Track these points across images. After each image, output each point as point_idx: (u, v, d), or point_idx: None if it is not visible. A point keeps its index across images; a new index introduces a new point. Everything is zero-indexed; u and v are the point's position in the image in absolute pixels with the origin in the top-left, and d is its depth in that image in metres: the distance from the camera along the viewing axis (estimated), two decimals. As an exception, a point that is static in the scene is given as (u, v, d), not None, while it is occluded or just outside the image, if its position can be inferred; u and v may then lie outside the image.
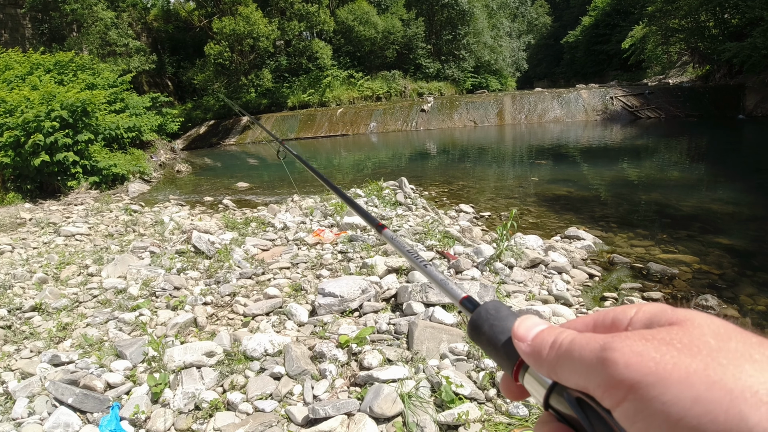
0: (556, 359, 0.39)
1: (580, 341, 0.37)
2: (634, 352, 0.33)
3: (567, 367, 0.38)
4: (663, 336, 0.33)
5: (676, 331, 0.34)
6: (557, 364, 0.39)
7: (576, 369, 0.37)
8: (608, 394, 0.34)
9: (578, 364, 0.36)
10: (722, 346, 0.32)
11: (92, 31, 28.41)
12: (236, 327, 4.11)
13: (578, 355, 0.36)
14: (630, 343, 0.34)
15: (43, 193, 12.75)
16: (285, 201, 9.63)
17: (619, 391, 0.33)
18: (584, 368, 0.36)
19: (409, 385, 2.93)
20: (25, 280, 5.65)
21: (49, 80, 14.27)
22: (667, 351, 0.32)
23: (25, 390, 3.28)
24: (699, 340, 0.32)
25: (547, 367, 0.40)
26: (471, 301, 0.53)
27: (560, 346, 0.39)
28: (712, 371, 0.30)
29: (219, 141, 30.54)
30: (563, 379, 0.39)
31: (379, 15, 35.69)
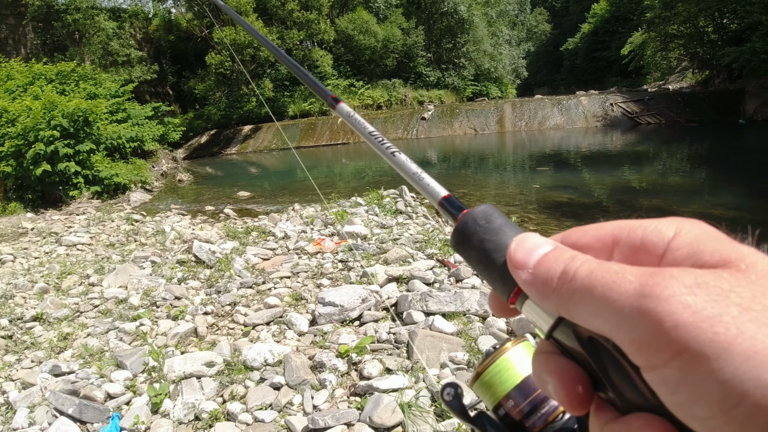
0: (568, 296, 0.30)
1: (604, 276, 0.28)
2: (688, 308, 0.25)
3: (585, 308, 0.29)
4: (720, 284, 0.25)
5: (735, 278, 0.25)
6: (570, 302, 0.30)
7: (599, 313, 0.28)
8: (645, 354, 0.26)
9: (602, 308, 0.28)
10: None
11: (94, 41, 28.59)
12: (236, 337, 4.11)
13: (602, 297, 0.28)
14: (680, 291, 0.25)
15: (44, 203, 12.79)
16: (286, 210, 9.64)
17: (662, 355, 0.25)
18: (611, 315, 0.27)
19: (409, 395, 2.93)
20: (26, 289, 5.67)
21: (50, 90, 14.33)
22: (728, 310, 0.24)
23: (26, 400, 3.29)
24: (765, 295, 0.24)
25: (557, 304, 0.31)
26: (454, 204, 0.42)
27: (574, 278, 0.30)
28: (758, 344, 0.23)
29: (220, 150, 30.60)
30: (577, 319, 0.30)
31: (378, 24, 35.83)
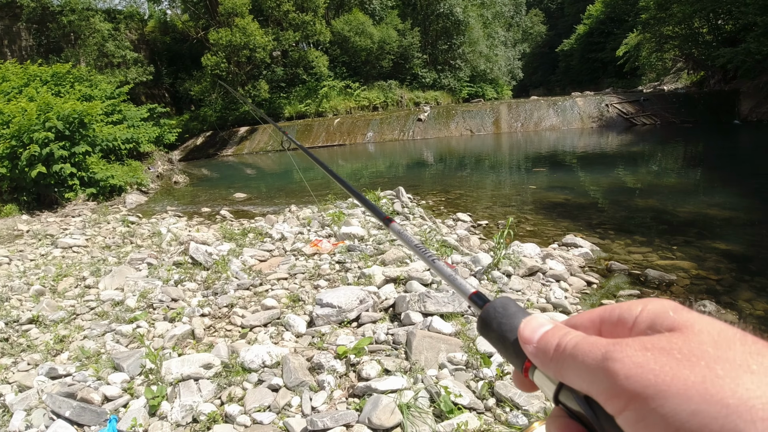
0: (561, 363, 0.39)
1: (583, 346, 0.38)
2: (635, 363, 0.33)
3: (571, 371, 0.38)
4: (663, 345, 0.34)
5: (676, 339, 0.34)
6: (562, 368, 0.39)
7: (580, 374, 0.37)
8: (610, 402, 0.34)
9: (582, 370, 0.37)
10: (721, 356, 0.31)
11: (89, 42, 28.52)
12: (234, 338, 4.10)
13: (581, 361, 0.37)
14: (630, 353, 0.34)
15: (40, 205, 12.74)
16: (282, 211, 9.63)
17: (620, 401, 0.33)
18: (587, 374, 0.36)
19: (408, 396, 2.92)
20: (22, 292, 5.64)
21: (46, 92, 14.28)
22: (667, 362, 0.32)
23: (23, 403, 3.27)
24: (698, 349, 0.32)
25: (553, 370, 0.41)
26: (480, 297, 0.53)
27: (564, 349, 0.39)
28: (710, 384, 0.30)
29: (216, 152, 30.55)
30: (568, 381, 0.39)
31: (374, 25, 35.84)
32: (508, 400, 2.91)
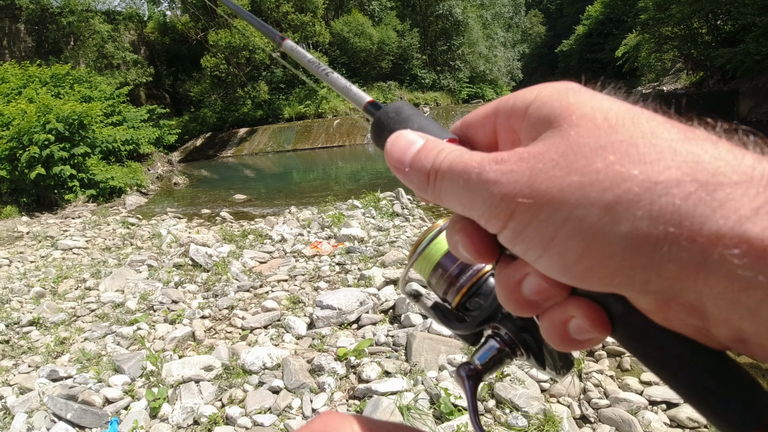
0: (438, 189, 0.35)
1: (457, 166, 0.33)
2: (509, 179, 0.30)
3: (448, 197, 0.34)
4: (541, 150, 0.30)
5: (556, 137, 0.30)
6: (441, 195, 0.35)
7: (457, 198, 0.33)
8: (490, 224, 0.32)
9: (458, 194, 0.33)
10: (603, 144, 0.28)
11: (89, 44, 28.49)
12: (234, 340, 4.11)
13: (456, 184, 0.33)
14: (506, 168, 0.30)
15: (40, 207, 12.73)
16: (282, 213, 9.64)
17: (498, 220, 0.31)
18: (465, 198, 0.33)
19: (408, 398, 2.93)
20: (22, 294, 5.65)
21: (45, 93, 14.28)
22: (542, 169, 0.29)
23: (24, 405, 3.28)
24: (577, 143, 0.28)
25: (432, 198, 0.36)
26: (375, 105, 0.48)
27: (439, 172, 0.34)
28: (588, 184, 0.27)
29: (216, 153, 30.51)
30: (449, 205, 0.35)
31: (373, 26, 35.85)
32: (508, 402, 2.92)
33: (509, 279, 0.34)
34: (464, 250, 0.36)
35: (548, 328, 0.33)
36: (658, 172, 0.25)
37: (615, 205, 0.26)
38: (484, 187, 0.31)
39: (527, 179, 0.29)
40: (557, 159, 0.29)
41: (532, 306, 0.33)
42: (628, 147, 0.27)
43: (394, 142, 0.38)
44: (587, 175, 0.27)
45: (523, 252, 0.31)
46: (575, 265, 0.28)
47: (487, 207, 0.31)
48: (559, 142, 0.29)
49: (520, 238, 0.30)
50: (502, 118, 0.36)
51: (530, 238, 0.29)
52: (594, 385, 3.19)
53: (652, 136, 0.27)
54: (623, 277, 0.26)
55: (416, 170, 0.36)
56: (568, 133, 0.29)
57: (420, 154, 0.36)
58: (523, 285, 0.33)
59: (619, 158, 0.27)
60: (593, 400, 3.02)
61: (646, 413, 2.85)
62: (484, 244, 0.35)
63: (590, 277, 0.28)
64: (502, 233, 0.31)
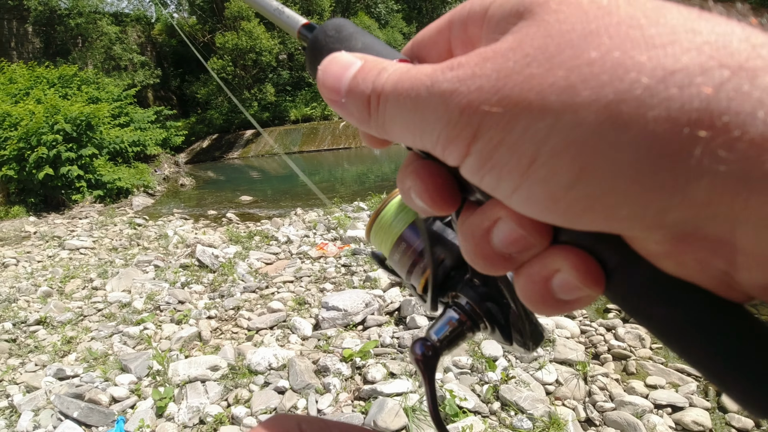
0: (382, 118, 0.27)
1: (405, 83, 0.26)
2: (470, 86, 0.22)
3: (396, 124, 0.27)
4: (509, 45, 0.23)
5: (527, 27, 0.23)
6: (386, 124, 0.27)
7: (406, 124, 0.26)
8: (449, 151, 0.24)
9: (407, 117, 0.26)
10: (594, 28, 0.20)
11: (97, 45, 28.67)
12: (240, 341, 4.12)
13: (404, 105, 0.25)
14: (464, 72, 0.23)
15: (47, 207, 12.80)
16: (288, 214, 9.66)
17: (460, 144, 0.23)
18: (415, 122, 0.25)
19: (413, 399, 2.94)
20: (29, 293, 5.68)
21: (53, 94, 14.37)
22: (514, 67, 0.22)
23: (31, 403, 3.30)
24: (558, 30, 0.21)
25: (376, 130, 0.29)
26: (311, 28, 0.38)
27: (381, 96, 0.27)
28: (578, 79, 0.20)
29: (222, 155, 30.61)
30: (396, 137, 0.28)
31: (380, 29, 35.92)
32: (513, 404, 2.92)
33: (475, 228, 0.27)
34: (417, 197, 0.29)
35: (526, 287, 0.26)
36: (674, 56, 0.18)
37: (619, 104, 0.19)
38: (438, 100, 0.23)
39: (494, 82, 0.22)
40: (533, 53, 0.21)
41: (505, 260, 0.26)
42: (628, 29, 0.20)
43: (327, 66, 0.30)
44: (576, 68, 0.20)
45: (494, 185, 0.23)
46: (566, 195, 0.21)
47: (443, 126, 0.24)
48: (534, 32, 0.22)
49: (489, 164, 0.23)
50: (457, 29, 0.29)
51: (503, 162, 0.22)
52: (599, 388, 3.18)
53: (658, 15, 0.20)
54: (633, 206, 0.20)
55: (354, 97, 0.28)
56: (545, 21, 0.22)
57: (357, 78, 0.28)
58: (492, 234, 0.26)
59: (619, 43, 0.19)
60: (598, 404, 3.02)
61: (651, 417, 2.85)
62: (442, 185, 0.29)
63: (587, 210, 0.21)
64: (465, 162, 0.24)
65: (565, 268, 0.24)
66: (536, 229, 0.25)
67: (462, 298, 0.41)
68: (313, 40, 0.36)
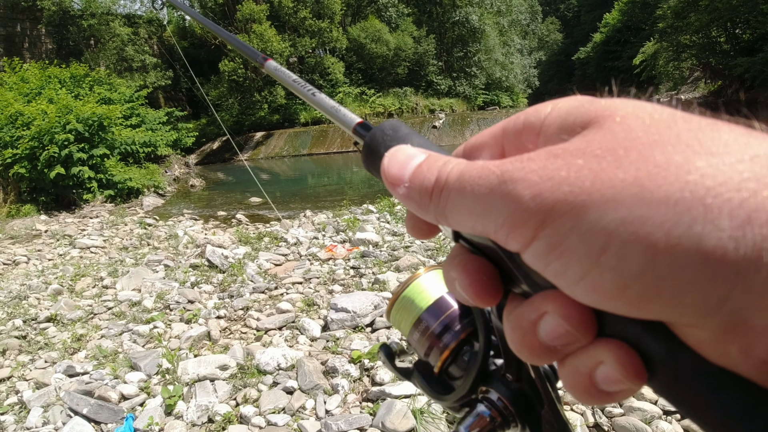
0: (444, 202, 0.29)
1: (471, 174, 0.28)
2: (541, 177, 0.24)
3: (459, 210, 0.28)
4: (577, 146, 0.25)
5: (594, 134, 0.25)
6: (447, 209, 0.29)
7: (470, 210, 0.28)
8: (514, 236, 0.26)
9: (472, 204, 0.27)
10: (658, 140, 0.23)
11: (109, 46, 28.89)
12: (249, 341, 4.13)
13: (470, 192, 0.27)
14: (535, 166, 0.25)
15: (58, 206, 12.91)
16: (298, 216, 9.68)
17: (527, 229, 0.25)
18: (480, 208, 0.27)
19: (421, 401, 2.93)
20: (40, 291, 5.72)
21: (65, 94, 14.50)
22: (584, 165, 0.23)
23: (40, 400, 3.32)
24: (625, 138, 0.23)
25: (434, 215, 0.30)
26: (366, 126, 0.42)
27: (446, 183, 0.29)
28: (646, 178, 0.22)
29: (232, 156, 30.76)
30: (457, 225, 0.30)
31: (390, 32, 35.99)
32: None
33: (522, 320, 0.28)
34: (462, 289, 0.31)
35: (570, 378, 0.27)
36: (731, 163, 0.21)
37: (688, 201, 0.20)
38: (507, 188, 0.25)
39: (564, 175, 0.23)
40: (602, 153, 0.23)
41: (550, 352, 0.27)
42: (688, 141, 0.22)
43: (393, 156, 0.34)
44: (645, 168, 0.22)
45: (561, 271, 0.24)
46: (635, 283, 0.22)
47: (511, 212, 0.25)
48: (602, 137, 0.24)
49: (558, 251, 0.24)
50: (511, 136, 0.31)
51: (572, 249, 0.23)
52: (609, 392, 3.17)
53: (711, 130, 0.22)
54: (696, 294, 0.20)
55: (416, 185, 0.31)
56: (612, 130, 0.24)
57: (422, 167, 0.31)
58: (539, 327, 0.27)
59: (682, 151, 0.22)
60: (607, 409, 3.00)
61: (660, 423, 2.83)
62: (487, 280, 0.30)
63: (654, 298, 0.22)
64: (531, 247, 0.25)
65: (609, 360, 0.25)
66: (582, 324, 0.26)
67: (493, 393, 0.41)
68: (371, 137, 0.39)
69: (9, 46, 28.76)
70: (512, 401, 0.40)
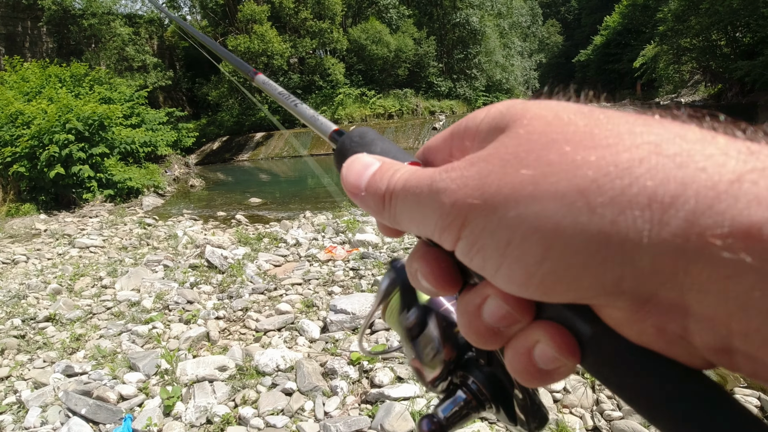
0: (393, 210, 0.33)
1: (411, 183, 0.32)
2: (460, 184, 0.28)
3: (405, 217, 0.33)
4: (490, 152, 0.28)
5: (505, 138, 0.28)
6: (396, 215, 0.33)
7: (412, 216, 0.32)
8: (444, 238, 0.29)
9: (413, 211, 0.31)
10: (556, 137, 0.26)
11: (110, 46, 28.90)
12: (248, 342, 4.13)
13: (410, 200, 0.31)
14: (455, 174, 0.29)
15: (58, 205, 12.90)
16: (297, 217, 9.68)
17: (452, 232, 0.28)
18: (418, 214, 0.31)
19: (420, 404, 2.93)
20: (39, 290, 5.71)
21: (65, 93, 14.50)
22: (493, 170, 0.27)
23: (38, 399, 3.32)
24: (527, 140, 0.27)
25: (389, 220, 0.34)
26: (340, 133, 0.46)
27: (393, 192, 0.33)
28: (541, 177, 0.25)
29: (232, 156, 30.76)
30: (405, 227, 0.34)
31: (391, 34, 35.97)
32: (521, 411, 2.90)
33: (468, 305, 0.31)
34: (423, 279, 0.34)
35: (513, 359, 0.30)
36: (616, 153, 0.23)
37: (573, 194, 0.23)
38: (435, 197, 0.29)
39: (476, 181, 0.27)
40: (507, 158, 0.27)
41: (494, 334, 0.30)
42: (582, 136, 0.25)
43: (350, 166, 0.37)
44: (539, 167, 0.25)
45: (482, 265, 0.28)
46: (538, 270, 0.25)
47: (439, 217, 0.29)
48: (508, 142, 0.27)
49: (476, 247, 0.27)
50: (456, 140, 0.34)
51: (486, 245, 0.27)
52: (607, 396, 3.16)
53: (608, 123, 0.25)
54: (592, 277, 0.23)
55: (371, 193, 0.35)
56: (518, 133, 0.27)
57: (375, 176, 0.35)
58: (483, 310, 0.30)
59: (574, 147, 0.24)
60: (606, 412, 3.00)
61: (660, 426, 2.82)
62: (444, 269, 0.33)
63: (556, 283, 0.24)
64: (458, 246, 0.29)
65: (544, 339, 0.28)
66: (519, 305, 0.28)
67: (469, 377, 0.43)
68: (341, 143, 0.43)
69: (10, 45, 28.77)
70: (485, 384, 0.42)
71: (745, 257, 0.19)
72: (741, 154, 0.21)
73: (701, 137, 0.23)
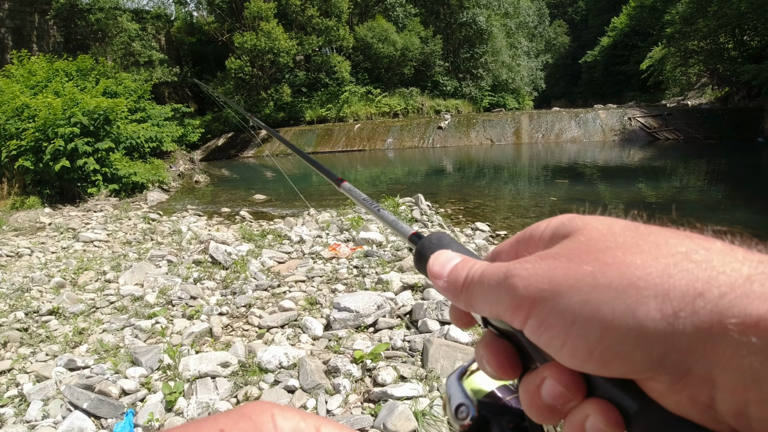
0: (470, 293, 0.40)
1: (488, 272, 0.39)
2: (530, 273, 0.35)
3: (479, 298, 0.39)
4: (556, 251, 0.35)
5: (568, 242, 0.35)
6: (472, 298, 0.40)
7: (486, 299, 0.38)
8: (515, 317, 0.35)
9: (487, 294, 0.38)
10: (610, 245, 0.33)
11: (116, 41, 28.95)
12: (251, 338, 4.12)
13: (488, 287, 0.38)
14: (528, 266, 0.35)
15: (62, 199, 12.93)
16: (301, 214, 9.67)
17: (522, 312, 0.34)
18: (492, 297, 0.37)
19: (423, 403, 2.91)
20: (42, 283, 5.72)
21: (71, 87, 14.51)
22: (559, 264, 0.34)
23: (40, 393, 3.30)
24: (587, 245, 0.34)
25: (464, 303, 0.41)
26: (418, 235, 0.54)
27: (472, 279, 0.40)
28: (599, 273, 0.31)
29: (237, 153, 30.77)
30: (479, 310, 0.40)
31: (397, 33, 35.90)
32: (525, 412, 2.88)
33: (530, 385, 0.36)
34: (488, 364, 0.40)
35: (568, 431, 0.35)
36: (656, 258, 0.30)
37: (624, 287, 0.30)
38: (510, 281, 0.36)
39: (546, 272, 0.34)
40: (571, 256, 0.34)
41: (552, 411, 0.35)
42: (630, 245, 0.32)
43: (437, 257, 0.46)
44: (598, 265, 0.32)
45: (548, 341, 0.33)
46: (597, 347, 0.30)
47: (512, 298, 0.35)
48: (572, 245, 0.35)
49: (544, 326, 0.33)
50: (522, 244, 0.42)
51: (553, 324, 0.32)
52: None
53: (649, 236, 0.32)
54: (642, 352, 0.28)
55: (452, 281, 0.43)
56: (579, 239, 0.35)
57: (457, 267, 0.43)
58: (542, 389, 0.35)
59: (624, 253, 0.31)
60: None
61: None
62: (508, 357, 0.39)
63: (613, 357, 0.30)
64: (527, 324, 0.34)
65: (594, 413, 0.32)
66: (572, 384, 0.33)
67: None
68: (420, 244, 0.51)
69: (17, 39, 28.84)
70: None
71: (754, 340, 0.25)
72: (753, 262, 0.28)
73: (722, 248, 0.30)
